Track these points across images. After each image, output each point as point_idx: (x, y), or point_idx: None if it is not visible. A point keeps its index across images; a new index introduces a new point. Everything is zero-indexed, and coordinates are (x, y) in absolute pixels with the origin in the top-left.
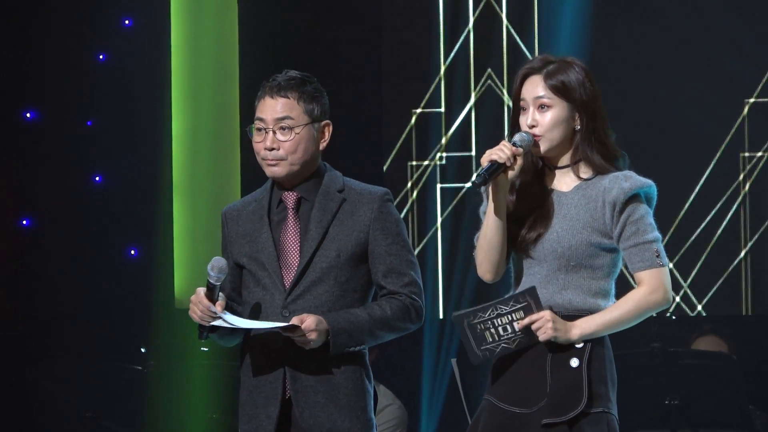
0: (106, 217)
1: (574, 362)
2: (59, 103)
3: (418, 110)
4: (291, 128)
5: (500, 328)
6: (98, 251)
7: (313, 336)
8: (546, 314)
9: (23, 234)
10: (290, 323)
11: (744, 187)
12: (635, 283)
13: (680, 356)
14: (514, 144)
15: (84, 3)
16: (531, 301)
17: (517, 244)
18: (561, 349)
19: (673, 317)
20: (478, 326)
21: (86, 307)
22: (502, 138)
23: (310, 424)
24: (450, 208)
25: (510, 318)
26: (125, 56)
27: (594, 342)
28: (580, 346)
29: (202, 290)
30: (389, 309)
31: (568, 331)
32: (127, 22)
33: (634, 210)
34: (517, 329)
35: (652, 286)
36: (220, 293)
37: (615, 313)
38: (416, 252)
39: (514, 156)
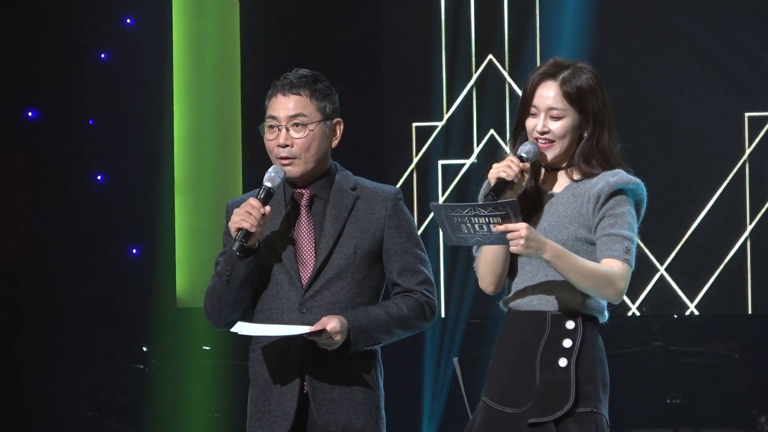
0: (108, 216)
1: (563, 362)
2: (61, 102)
3: (417, 123)
4: (304, 125)
5: (476, 225)
6: (100, 250)
7: (338, 338)
8: (523, 227)
9: (25, 233)
10: (317, 328)
11: (745, 185)
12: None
13: (682, 355)
14: (521, 158)
15: (85, 2)
16: (510, 212)
17: None
18: (550, 348)
19: (674, 316)
20: (455, 218)
21: (88, 306)
22: (499, 142)
23: (326, 420)
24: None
25: (487, 220)
26: (127, 55)
27: (583, 342)
28: (569, 345)
29: (254, 199)
30: (406, 307)
31: (541, 248)
32: (128, 21)
33: (617, 204)
34: (492, 231)
35: (616, 274)
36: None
37: (586, 264)
38: None
39: (522, 171)
